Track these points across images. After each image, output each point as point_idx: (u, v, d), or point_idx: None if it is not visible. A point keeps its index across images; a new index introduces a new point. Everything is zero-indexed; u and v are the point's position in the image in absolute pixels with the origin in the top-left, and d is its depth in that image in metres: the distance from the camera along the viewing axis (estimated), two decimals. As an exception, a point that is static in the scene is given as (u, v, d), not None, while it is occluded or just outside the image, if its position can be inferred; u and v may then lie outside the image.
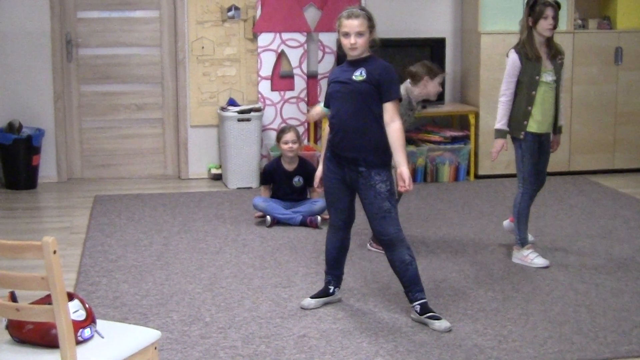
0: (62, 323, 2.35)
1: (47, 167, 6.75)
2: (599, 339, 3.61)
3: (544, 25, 4.47)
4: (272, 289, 4.24)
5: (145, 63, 6.90)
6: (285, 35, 6.85)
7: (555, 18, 4.49)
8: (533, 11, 4.48)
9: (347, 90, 3.72)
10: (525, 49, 4.49)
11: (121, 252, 4.87)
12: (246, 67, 6.89)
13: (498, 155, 4.60)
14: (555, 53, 4.57)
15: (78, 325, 2.54)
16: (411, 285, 3.79)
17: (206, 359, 3.42)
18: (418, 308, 3.77)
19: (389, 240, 3.76)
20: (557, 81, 4.57)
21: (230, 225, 5.44)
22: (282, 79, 6.93)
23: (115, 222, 5.52)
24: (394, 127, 3.68)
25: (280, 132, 5.62)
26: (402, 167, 3.65)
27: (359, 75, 3.71)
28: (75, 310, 2.56)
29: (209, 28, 6.79)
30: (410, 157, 6.44)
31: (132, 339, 2.65)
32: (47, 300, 2.44)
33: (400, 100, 3.77)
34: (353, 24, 3.68)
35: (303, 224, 5.39)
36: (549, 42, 4.55)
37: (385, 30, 6.51)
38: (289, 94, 6.94)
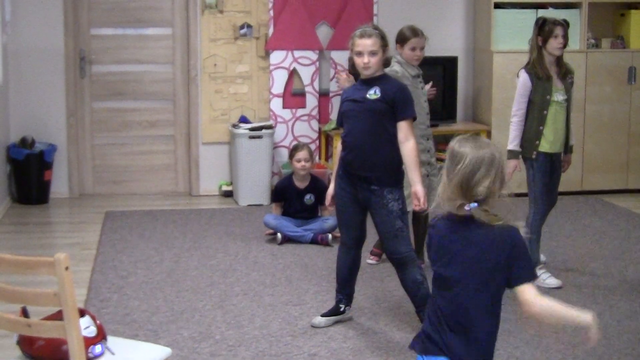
0: (73, 339, 2.34)
1: (59, 183, 6.77)
2: (613, 361, 3.57)
3: (553, 44, 4.46)
4: (282, 306, 4.22)
5: (157, 80, 6.93)
6: (297, 53, 6.87)
7: (565, 37, 4.49)
8: (542, 30, 4.48)
9: (361, 109, 3.72)
10: (536, 69, 4.48)
11: (132, 268, 4.87)
12: (258, 84, 6.91)
13: (512, 176, 4.58)
14: (565, 72, 4.56)
15: (89, 342, 2.53)
16: (422, 305, 3.75)
17: (216, 377, 3.41)
18: (430, 328, 3.74)
19: (400, 260, 3.74)
20: (568, 100, 4.56)
21: (241, 243, 5.43)
22: (293, 96, 6.95)
23: (126, 238, 5.52)
24: (408, 146, 3.67)
25: (293, 150, 5.62)
26: (416, 185, 3.65)
27: (373, 93, 3.71)
28: (87, 327, 2.55)
29: (221, 45, 6.82)
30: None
31: (142, 356, 2.64)
32: (58, 316, 2.43)
33: (414, 119, 3.77)
34: (366, 43, 3.68)
35: (314, 241, 5.37)
36: (559, 61, 4.54)
37: (398, 48, 6.53)
38: (300, 112, 6.95)
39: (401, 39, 4.62)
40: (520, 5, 6.82)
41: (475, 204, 2.27)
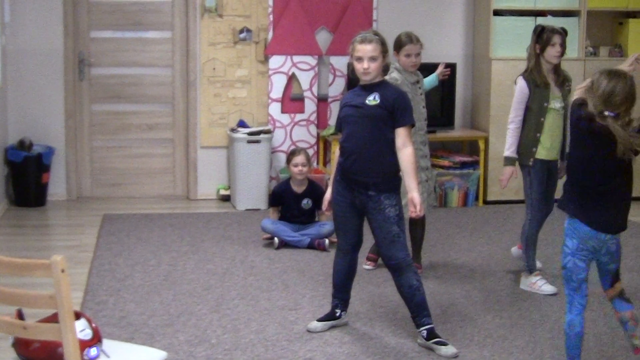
0: (68, 342, 2.34)
1: (57, 185, 6.77)
2: (608, 369, 3.58)
3: (551, 53, 4.49)
4: (278, 311, 4.23)
5: (156, 83, 6.94)
6: (296, 58, 6.88)
7: (563, 45, 4.51)
8: (540, 38, 4.50)
9: (360, 115, 3.73)
10: (534, 76, 4.50)
11: (129, 271, 4.87)
12: (257, 89, 6.92)
13: (508, 182, 4.60)
14: (563, 80, 4.58)
15: (84, 345, 2.54)
16: (418, 310, 3.77)
17: (211, 381, 3.41)
18: (425, 333, 3.75)
19: (397, 265, 3.74)
20: (565, 108, 4.58)
21: (238, 247, 5.44)
22: (292, 101, 6.96)
23: (124, 242, 5.52)
24: (406, 153, 3.68)
25: (291, 155, 5.63)
26: (413, 192, 3.65)
27: (372, 99, 3.72)
28: (82, 329, 2.56)
29: (220, 49, 6.84)
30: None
31: (138, 359, 2.64)
32: (54, 318, 2.43)
33: (413, 126, 3.78)
34: (366, 49, 3.69)
35: (311, 246, 5.38)
36: (557, 69, 4.56)
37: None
38: (299, 117, 6.96)
39: (397, 46, 4.64)
40: (519, 13, 6.84)
41: (614, 113, 3.19)
